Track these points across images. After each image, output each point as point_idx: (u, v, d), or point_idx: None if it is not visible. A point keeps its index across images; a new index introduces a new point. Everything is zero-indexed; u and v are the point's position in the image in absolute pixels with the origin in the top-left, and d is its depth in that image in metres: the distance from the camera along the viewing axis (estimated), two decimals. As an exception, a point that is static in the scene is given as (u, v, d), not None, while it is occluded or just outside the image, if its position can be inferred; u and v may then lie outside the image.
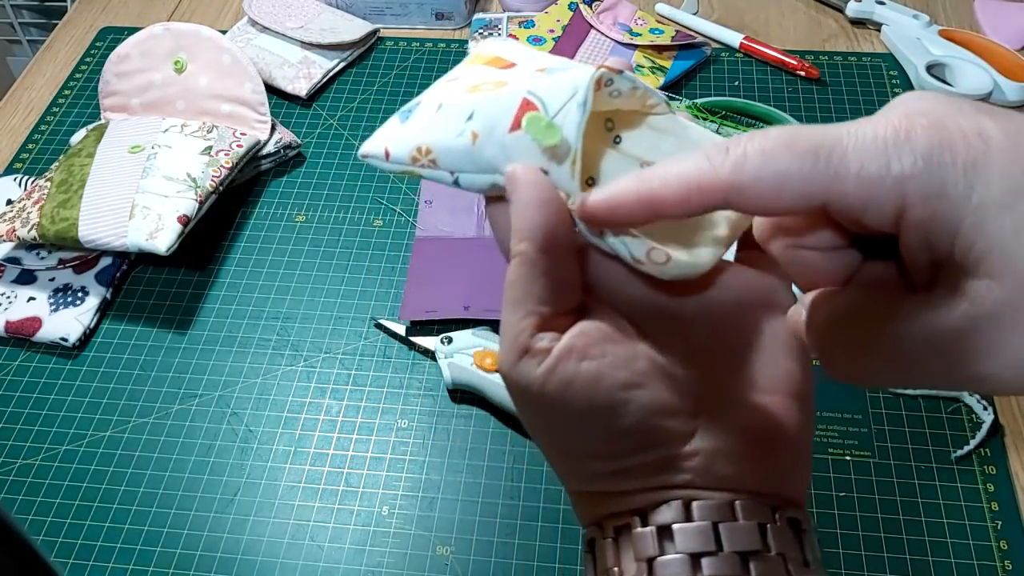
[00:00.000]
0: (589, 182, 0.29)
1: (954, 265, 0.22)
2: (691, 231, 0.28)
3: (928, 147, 0.21)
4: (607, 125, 0.30)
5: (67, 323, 0.67)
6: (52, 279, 0.70)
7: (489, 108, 0.28)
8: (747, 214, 0.27)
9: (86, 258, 0.71)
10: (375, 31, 0.92)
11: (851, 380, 0.26)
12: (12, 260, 0.71)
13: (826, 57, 0.87)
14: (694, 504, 0.27)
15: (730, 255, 0.31)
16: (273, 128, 0.79)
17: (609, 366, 0.27)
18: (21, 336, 0.67)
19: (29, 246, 0.72)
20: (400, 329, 0.66)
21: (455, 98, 0.29)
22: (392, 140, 0.31)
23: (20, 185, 0.78)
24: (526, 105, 0.27)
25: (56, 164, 0.74)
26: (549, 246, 0.27)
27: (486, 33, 0.89)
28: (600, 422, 0.27)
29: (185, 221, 0.67)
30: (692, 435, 0.28)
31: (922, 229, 0.22)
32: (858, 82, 0.84)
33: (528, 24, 0.87)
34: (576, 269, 0.28)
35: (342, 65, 0.88)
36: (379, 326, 0.68)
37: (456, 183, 0.29)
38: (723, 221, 0.28)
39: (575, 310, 0.28)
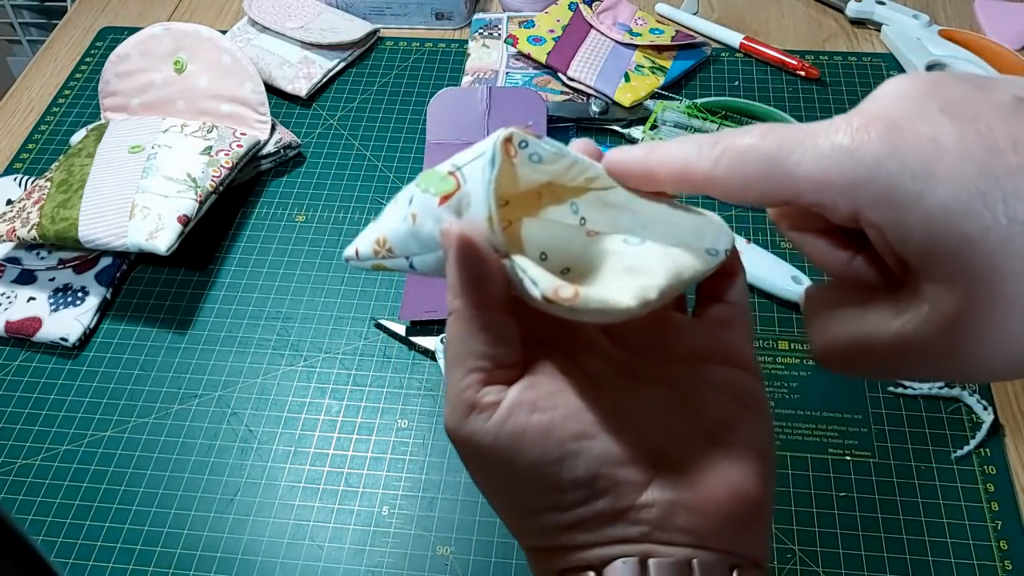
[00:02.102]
0: (543, 257, 0.30)
1: (914, 268, 0.23)
2: (622, 276, 0.29)
3: (878, 155, 0.22)
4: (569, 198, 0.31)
5: (67, 323, 0.67)
6: (52, 279, 0.70)
7: (422, 186, 0.29)
8: (727, 201, 0.27)
9: (86, 258, 0.71)
10: (375, 31, 0.92)
11: (838, 371, 0.27)
12: (12, 260, 0.71)
13: (826, 57, 0.87)
14: (650, 562, 0.26)
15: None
16: (273, 128, 0.79)
17: (560, 417, 0.27)
18: (21, 336, 0.67)
19: (29, 246, 0.72)
20: (400, 329, 0.66)
21: (406, 188, 0.30)
22: (361, 239, 0.32)
23: (20, 185, 0.78)
24: (452, 177, 0.27)
25: (56, 164, 0.74)
26: (481, 301, 0.27)
27: (486, 33, 0.89)
28: (551, 474, 0.27)
29: (185, 221, 0.67)
30: (647, 485, 0.27)
31: (877, 232, 0.23)
32: (858, 82, 0.84)
33: (528, 24, 0.87)
34: (514, 323, 0.28)
35: (342, 65, 0.88)
36: (379, 326, 0.68)
37: (412, 267, 0.30)
38: (662, 273, 0.28)
39: (519, 363, 0.28)
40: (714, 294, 0.32)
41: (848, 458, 0.59)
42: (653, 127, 0.78)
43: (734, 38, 0.88)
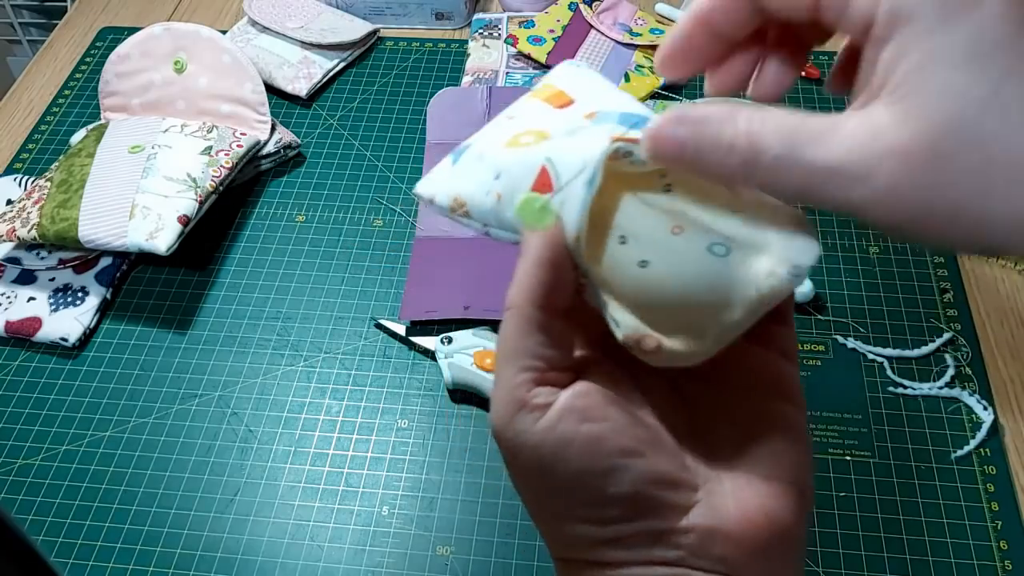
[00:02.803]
0: (622, 240, 0.28)
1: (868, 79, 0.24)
2: (699, 310, 0.27)
3: None
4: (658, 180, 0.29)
5: (67, 323, 0.67)
6: (52, 279, 0.70)
7: (513, 171, 0.28)
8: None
9: (86, 258, 0.71)
10: (375, 31, 0.92)
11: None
12: (12, 260, 0.71)
13: (826, 57, 0.87)
14: None
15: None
16: (273, 128, 0.79)
17: (610, 430, 0.26)
18: (21, 336, 0.67)
19: (29, 246, 0.72)
20: (400, 329, 0.66)
21: (494, 151, 0.30)
22: (438, 186, 0.31)
23: (20, 185, 0.78)
24: (543, 174, 0.27)
25: (56, 164, 0.74)
26: (547, 304, 0.27)
27: (486, 33, 0.89)
28: (594, 486, 0.26)
29: (185, 221, 0.67)
30: (689, 510, 0.27)
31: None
32: (858, 82, 0.84)
33: (528, 24, 0.87)
34: (571, 329, 0.28)
35: (342, 65, 0.88)
36: (379, 326, 0.68)
37: (487, 234, 0.30)
38: (741, 304, 0.27)
39: (572, 368, 0.28)
40: (775, 316, 0.29)
41: (848, 458, 0.59)
42: (653, 127, 0.78)
43: (734, 38, 0.88)
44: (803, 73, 0.83)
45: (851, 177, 0.23)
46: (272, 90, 0.84)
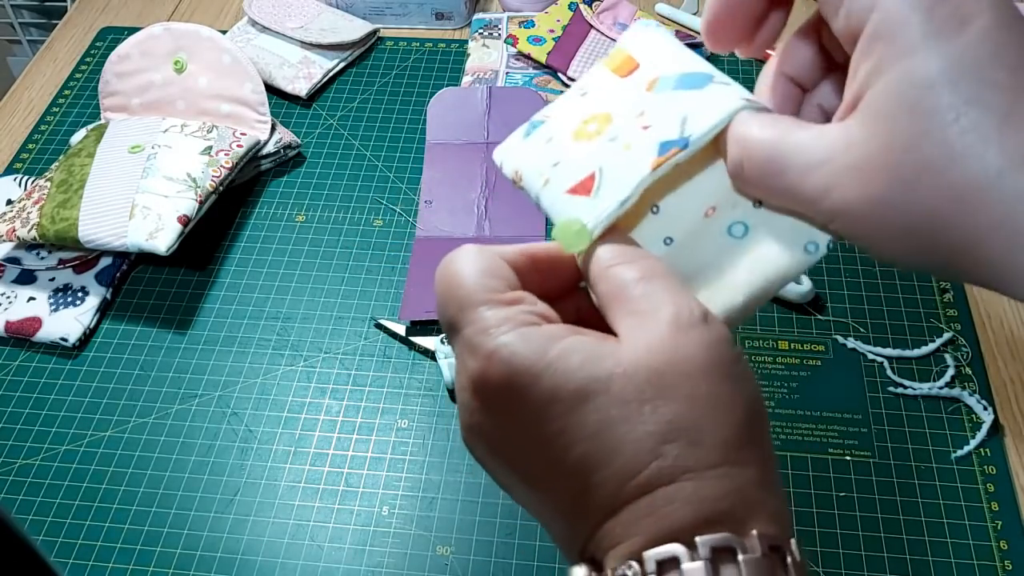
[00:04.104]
0: (654, 209, 0.29)
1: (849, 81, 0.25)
2: (715, 288, 0.29)
3: None
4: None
5: (67, 323, 0.67)
6: (52, 279, 0.70)
7: (567, 165, 0.29)
8: None
9: (86, 258, 0.71)
10: (375, 31, 0.92)
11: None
12: (12, 260, 0.71)
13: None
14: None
15: None
16: (273, 128, 0.79)
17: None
18: (21, 336, 0.67)
19: (29, 246, 0.72)
20: (400, 329, 0.66)
21: (561, 137, 0.31)
22: (507, 154, 0.33)
23: (20, 185, 0.78)
24: (589, 179, 0.28)
25: (56, 164, 0.74)
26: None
27: (486, 33, 0.89)
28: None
29: (185, 221, 0.67)
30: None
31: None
32: (858, 82, 0.84)
33: (528, 24, 0.87)
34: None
35: (342, 65, 0.88)
36: (379, 326, 0.68)
37: (538, 207, 0.31)
38: (755, 281, 0.29)
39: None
40: None
41: (848, 458, 0.59)
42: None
43: (734, 38, 0.88)
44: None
45: (819, 189, 0.24)
46: (272, 90, 0.84)
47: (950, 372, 0.62)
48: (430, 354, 0.65)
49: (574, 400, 0.24)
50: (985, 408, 0.60)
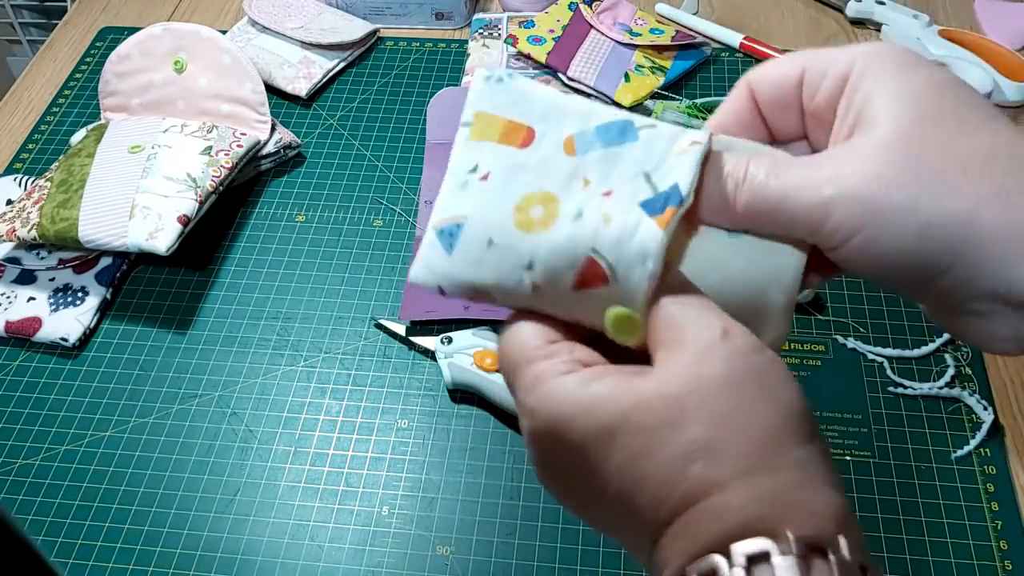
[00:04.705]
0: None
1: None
2: (748, 296, 0.29)
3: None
4: None
5: (67, 323, 0.67)
6: (52, 279, 0.70)
7: (549, 260, 0.27)
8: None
9: (86, 258, 0.71)
10: (375, 31, 0.92)
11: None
12: (12, 260, 0.71)
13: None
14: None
15: None
16: (273, 128, 0.79)
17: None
18: (21, 336, 0.67)
19: (29, 246, 0.72)
20: (400, 329, 0.66)
21: (507, 235, 0.28)
22: (443, 276, 0.29)
23: (20, 185, 0.78)
24: (591, 265, 0.26)
25: (56, 164, 0.74)
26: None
27: (486, 33, 0.89)
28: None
29: (185, 221, 0.67)
30: None
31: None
32: (858, 82, 0.84)
33: (528, 24, 0.87)
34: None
35: (342, 65, 0.88)
36: (379, 326, 0.68)
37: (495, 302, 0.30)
38: (781, 284, 0.29)
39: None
40: None
41: (848, 458, 0.59)
42: (653, 127, 0.78)
43: (734, 38, 0.88)
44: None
45: (816, 218, 0.27)
46: (272, 90, 0.84)
47: (950, 372, 0.62)
48: (430, 354, 0.65)
49: (603, 437, 0.25)
50: (985, 408, 0.60)
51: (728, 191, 0.28)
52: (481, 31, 0.90)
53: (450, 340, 0.63)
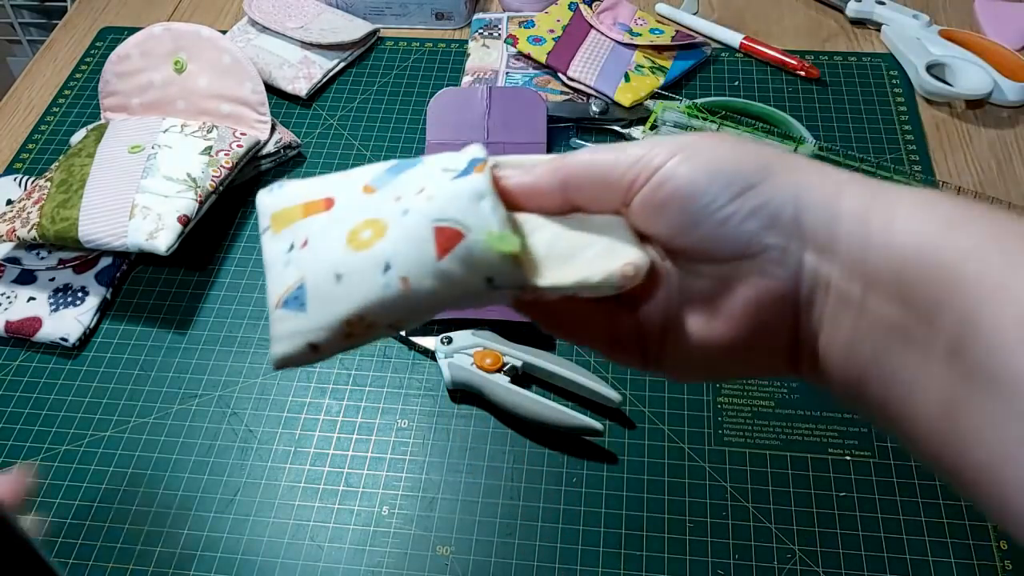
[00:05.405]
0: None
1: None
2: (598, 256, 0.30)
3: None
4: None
5: (67, 323, 0.67)
6: (52, 279, 0.70)
7: (402, 250, 0.27)
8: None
9: (86, 258, 0.71)
10: (375, 31, 0.92)
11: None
12: (12, 260, 0.71)
13: (826, 57, 0.87)
14: None
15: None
16: (273, 128, 0.79)
17: None
18: (21, 336, 0.67)
19: (29, 246, 0.72)
20: (400, 329, 0.66)
21: (347, 260, 0.28)
22: (309, 332, 0.29)
23: (20, 185, 0.78)
24: (441, 231, 0.27)
25: (56, 164, 0.74)
26: None
27: (486, 33, 0.89)
28: None
29: (185, 221, 0.67)
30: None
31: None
32: (858, 82, 0.84)
33: (528, 24, 0.87)
34: None
35: (342, 65, 0.88)
36: (379, 326, 0.67)
37: (398, 334, 0.30)
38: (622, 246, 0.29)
39: None
40: None
41: (848, 458, 0.59)
42: (653, 127, 0.78)
43: (734, 38, 0.88)
44: (803, 73, 0.83)
45: (619, 171, 0.29)
46: (272, 90, 0.84)
47: (950, 372, 0.62)
48: (430, 354, 0.65)
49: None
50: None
51: (541, 171, 0.29)
52: (481, 31, 0.90)
53: (450, 340, 0.63)
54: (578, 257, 0.29)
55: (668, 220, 0.28)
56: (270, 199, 0.33)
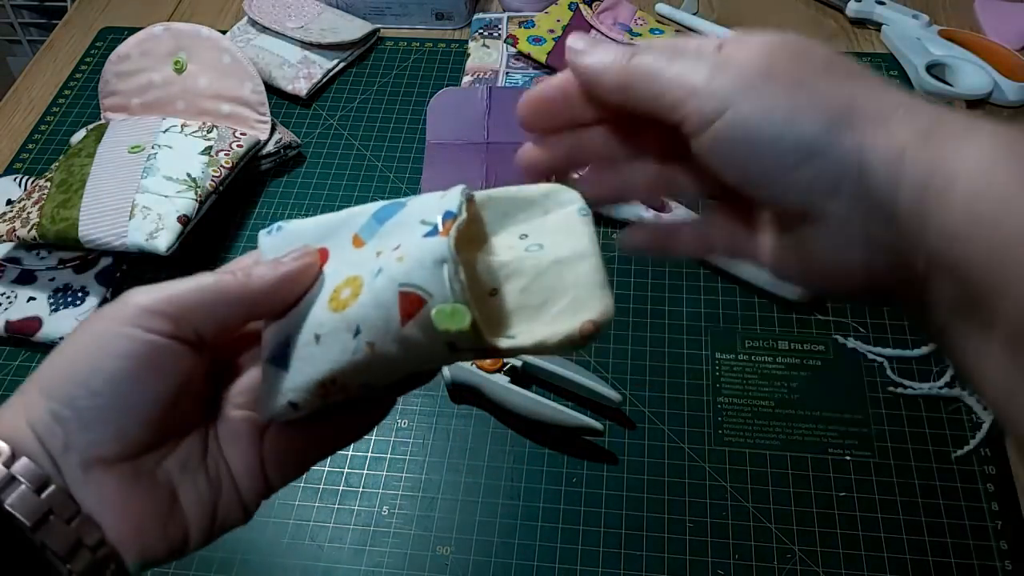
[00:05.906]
0: (492, 293, 0.30)
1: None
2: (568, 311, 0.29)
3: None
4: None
5: (67, 323, 0.67)
6: (52, 279, 0.70)
7: (369, 316, 0.28)
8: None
9: (86, 258, 0.71)
10: (375, 31, 0.92)
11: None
12: (12, 260, 0.71)
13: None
14: None
15: None
16: (273, 128, 0.79)
17: None
18: (21, 336, 0.67)
19: (29, 246, 0.72)
20: (400, 329, 0.66)
21: (325, 321, 0.29)
22: (289, 392, 0.30)
23: (20, 185, 0.78)
24: (405, 297, 0.27)
25: (56, 164, 0.74)
26: None
27: (486, 33, 0.89)
28: None
29: (185, 221, 0.67)
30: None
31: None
32: (858, 82, 0.84)
33: (528, 24, 0.87)
34: None
35: (342, 65, 0.88)
36: (379, 326, 0.67)
37: (370, 392, 0.31)
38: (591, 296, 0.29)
39: None
40: None
41: (848, 458, 0.59)
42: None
43: (734, 38, 0.88)
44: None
45: (683, 93, 0.28)
46: (272, 90, 0.84)
47: (950, 372, 0.62)
48: (430, 354, 0.65)
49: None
50: (985, 408, 0.60)
51: (606, 62, 0.30)
52: (481, 31, 0.90)
53: (450, 340, 0.63)
54: (544, 312, 0.29)
55: (725, 172, 0.28)
56: (270, 241, 0.33)
